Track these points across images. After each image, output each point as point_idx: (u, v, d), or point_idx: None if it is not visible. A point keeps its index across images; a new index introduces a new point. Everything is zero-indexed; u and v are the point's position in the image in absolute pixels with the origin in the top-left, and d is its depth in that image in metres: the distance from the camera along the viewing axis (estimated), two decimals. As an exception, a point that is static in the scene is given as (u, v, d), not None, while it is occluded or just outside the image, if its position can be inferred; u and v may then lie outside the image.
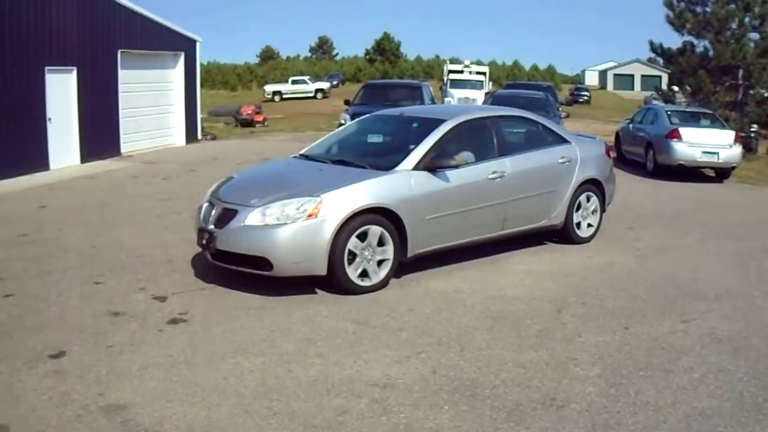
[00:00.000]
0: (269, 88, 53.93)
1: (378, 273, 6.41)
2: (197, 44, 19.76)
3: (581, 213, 8.34)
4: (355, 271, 6.27)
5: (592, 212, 8.48)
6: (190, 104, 19.57)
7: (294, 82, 55.18)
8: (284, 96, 51.86)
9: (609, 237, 8.76)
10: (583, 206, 8.35)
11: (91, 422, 4.00)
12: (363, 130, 8.27)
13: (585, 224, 8.41)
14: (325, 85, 56.18)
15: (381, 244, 6.40)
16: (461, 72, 38.18)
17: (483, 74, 38.80)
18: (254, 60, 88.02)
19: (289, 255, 6.07)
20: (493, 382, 4.57)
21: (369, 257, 6.35)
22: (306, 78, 57.52)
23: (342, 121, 15.79)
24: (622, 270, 7.34)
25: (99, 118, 15.43)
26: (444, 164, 6.91)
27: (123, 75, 16.31)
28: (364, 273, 6.34)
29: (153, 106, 17.94)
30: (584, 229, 8.41)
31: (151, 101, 17.88)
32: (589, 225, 8.46)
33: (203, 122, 22.18)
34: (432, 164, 6.86)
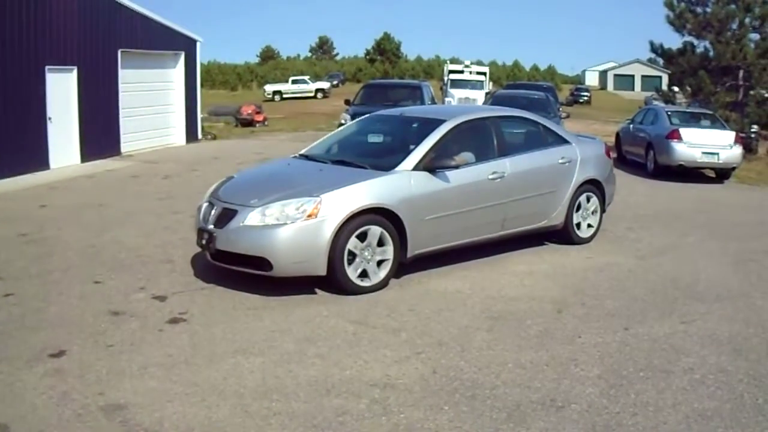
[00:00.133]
0: (269, 88, 53.97)
1: (378, 273, 6.41)
2: (197, 44, 19.77)
3: (581, 213, 8.34)
4: (355, 272, 6.27)
5: (592, 213, 8.47)
6: (191, 104, 19.58)
7: (294, 82, 55.25)
8: (284, 96, 51.91)
9: (609, 237, 8.76)
10: (583, 207, 8.35)
11: (91, 421, 4.00)
12: (363, 130, 8.27)
13: (585, 225, 8.41)
14: (326, 85, 56.22)
15: (381, 245, 6.40)
16: (461, 72, 38.19)
17: (483, 74, 38.82)
18: (254, 60, 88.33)
19: (289, 255, 6.07)
20: (494, 383, 4.57)
21: (369, 257, 6.35)
22: (306, 78, 57.57)
23: (342, 121, 15.79)
24: (622, 270, 7.34)
25: (99, 118, 15.44)
26: (444, 164, 6.91)
27: (123, 74, 16.32)
28: (364, 273, 6.34)
29: (153, 106, 17.95)
30: (584, 230, 8.41)
31: (152, 101, 17.89)
32: (589, 225, 8.46)
33: (203, 122, 22.19)
34: (432, 164, 6.86)
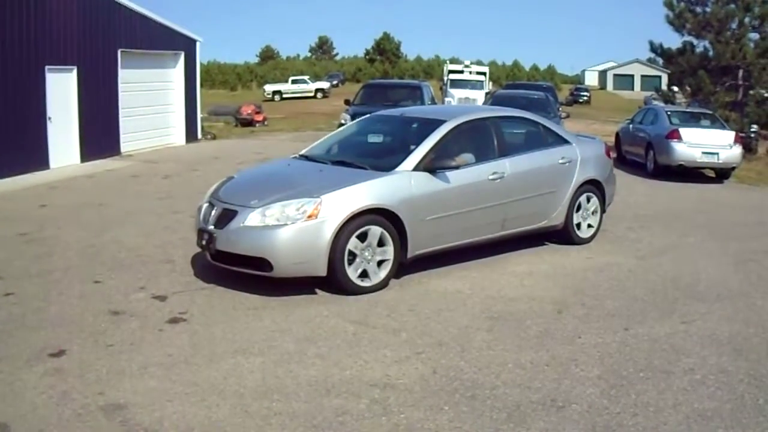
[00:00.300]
0: (269, 88, 53.98)
1: (378, 273, 6.41)
2: (197, 44, 19.77)
3: (581, 213, 8.33)
4: (355, 272, 6.27)
5: (593, 213, 8.47)
6: (190, 104, 19.57)
7: (294, 82, 55.26)
8: (284, 96, 51.91)
9: (609, 238, 8.76)
10: (584, 207, 8.35)
11: (91, 421, 4.00)
12: (363, 131, 8.27)
13: (585, 225, 8.41)
14: (325, 85, 56.22)
15: (381, 245, 6.40)
16: (461, 72, 38.20)
17: (483, 74, 38.81)
18: (254, 60, 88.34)
19: (289, 256, 6.07)
20: (494, 383, 4.57)
21: (369, 258, 6.34)
22: (306, 78, 57.58)
23: (342, 121, 15.79)
24: (623, 271, 7.34)
25: (99, 118, 15.44)
26: (444, 165, 6.91)
27: (123, 74, 16.32)
28: (364, 273, 6.34)
29: (153, 106, 17.94)
30: (584, 230, 8.41)
31: (151, 101, 17.88)
32: (590, 226, 8.46)
33: (203, 122, 22.18)
34: (432, 165, 6.85)
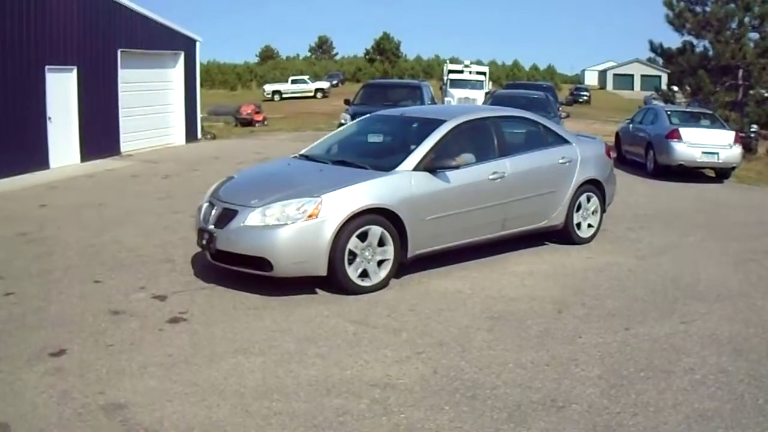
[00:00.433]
0: (269, 88, 53.94)
1: (378, 273, 6.41)
2: (197, 44, 19.77)
3: (581, 213, 8.33)
4: (356, 272, 6.27)
5: (593, 213, 8.47)
6: (190, 103, 19.57)
7: (294, 82, 55.23)
8: (284, 95, 51.88)
9: (609, 237, 8.76)
10: (584, 207, 8.35)
11: (92, 421, 4.00)
12: (363, 131, 8.27)
13: (585, 225, 8.41)
14: (325, 85, 56.20)
15: (381, 245, 6.40)
16: (461, 72, 38.20)
17: (483, 74, 38.81)
18: (254, 59, 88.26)
19: (290, 255, 6.07)
20: (494, 383, 4.57)
21: (369, 257, 6.34)
22: (306, 77, 57.55)
23: (342, 121, 15.79)
24: (623, 270, 7.34)
25: (99, 117, 15.44)
26: (444, 165, 6.91)
27: (123, 74, 16.32)
28: (365, 273, 6.34)
29: (153, 106, 17.94)
30: (584, 230, 8.41)
31: (151, 100, 17.88)
32: (590, 225, 8.46)
33: (203, 121, 22.18)
34: (432, 165, 6.85)
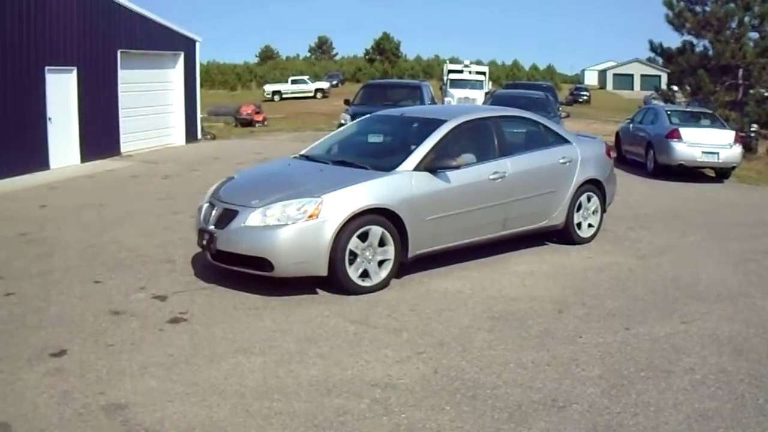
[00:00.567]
0: (269, 88, 53.95)
1: (379, 273, 6.41)
2: (197, 44, 19.77)
3: (582, 213, 8.33)
4: (356, 272, 6.27)
5: (593, 212, 8.47)
6: (190, 104, 19.57)
7: (294, 82, 55.22)
8: (284, 96, 51.89)
9: (609, 237, 8.76)
10: (584, 206, 8.35)
11: (92, 421, 4.00)
12: (363, 131, 8.27)
13: (585, 224, 8.41)
14: (325, 85, 56.20)
15: (382, 245, 6.40)
16: (461, 72, 38.23)
17: (483, 74, 38.85)
18: (254, 60, 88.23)
19: (290, 256, 6.07)
20: (495, 383, 4.57)
21: (370, 257, 6.34)
22: (305, 78, 57.55)
23: (342, 121, 15.78)
24: (623, 270, 7.34)
25: (99, 118, 15.44)
26: (445, 165, 6.91)
27: (123, 75, 16.32)
28: (365, 273, 6.34)
29: (153, 106, 17.94)
30: (585, 230, 8.41)
31: (151, 101, 17.88)
32: (590, 225, 8.46)
33: (203, 122, 22.18)
34: (433, 165, 6.85)
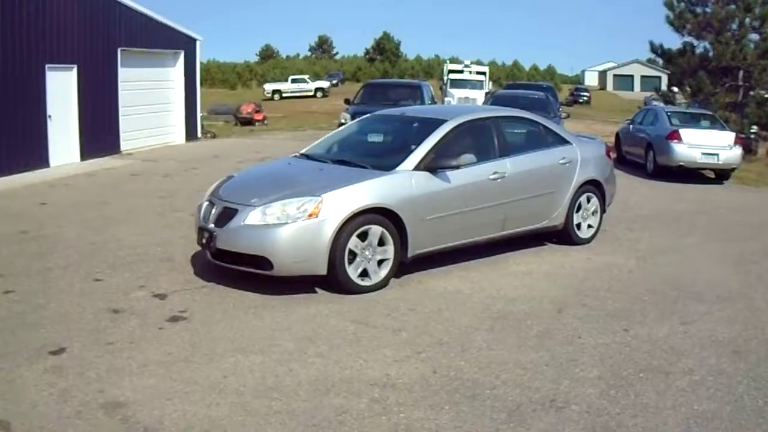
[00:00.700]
0: (269, 87, 53.88)
1: (378, 273, 6.41)
2: (197, 43, 19.75)
3: (581, 214, 8.33)
4: (356, 271, 6.27)
5: (593, 213, 8.47)
6: (190, 102, 19.56)
7: (294, 81, 55.16)
8: (284, 95, 51.84)
9: (609, 238, 8.76)
10: (584, 207, 8.35)
11: (91, 419, 4.00)
12: (364, 130, 8.26)
13: (585, 225, 8.41)
14: (325, 84, 56.18)
15: (381, 244, 6.40)
16: (461, 72, 38.29)
17: (483, 74, 38.93)
18: (254, 58, 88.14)
19: (290, 254, 6.07)
20: (494, 383, 4.57)
21: (369, 257, 6.34)
22: (306, 77, 57.52)
23: (342, 121, 15.80)
24: (622, 271, 7.34)
25: (99, 116, 15.43)
26: (445, 165, 6.90)
27: (123, 73, 16.30)
28: (365, 273, 6.34)
29: (153, 104, 17.92)
30: (584, 230, 8.41)
31: (151, 99, 17.86)
32: (590, 226, 8.46)
33: (203, 120, 22.17)
34: (433, 164, 6.85)
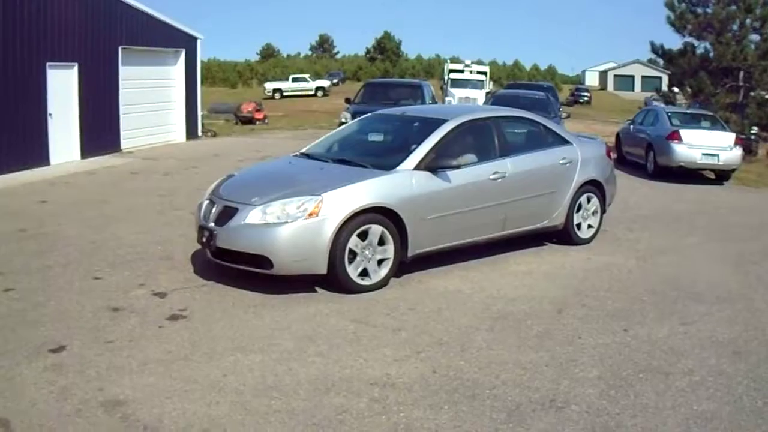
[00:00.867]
0: (270, 86, 53.87)
1: (378, 272, 6.41)
2: (198, 41, 19.75)
3: (582, 214, 8.33)
4: (356, 270, 6.27)
5: (593, 213, 8.47)
6: (191, 101, 19.56)
7: (294, 80, 55.15)
8: (284, 94, 51.85)
9: (609, 238, 8.76)
10: (584, 207, 8.35)
11: (91, 417, 4.00)
12: (364, 129, 8.26)
13: (585, 225, 8.41)
14: (326, 83, 56.18)
15: (381, 244, 6.40)
16: (462, 71, 38.28)
17: (484, 74, 38.92)
18: (255, 57, 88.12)
19: (290, 253, 6.07)
20: (493, 383, 4.57)
21: (369, 256, 6.34)
22: (306, 76, 57.52)
23: (343, 120, 15.80)
24: (622, 271, 7.34)
25: (99, 114, 15.42)
26: (445, 164, 6.91)
27: (124, 71, 16.29)
28: (365, 272, 6.34)
29: (153, 103, 17.92)
30: (584, 230, 8.41)
31: (152, 98, 17.86)
32: (590, 226, 8.46)
33: (203, 119, 22.17)
34: (433, 164, 6.85)
